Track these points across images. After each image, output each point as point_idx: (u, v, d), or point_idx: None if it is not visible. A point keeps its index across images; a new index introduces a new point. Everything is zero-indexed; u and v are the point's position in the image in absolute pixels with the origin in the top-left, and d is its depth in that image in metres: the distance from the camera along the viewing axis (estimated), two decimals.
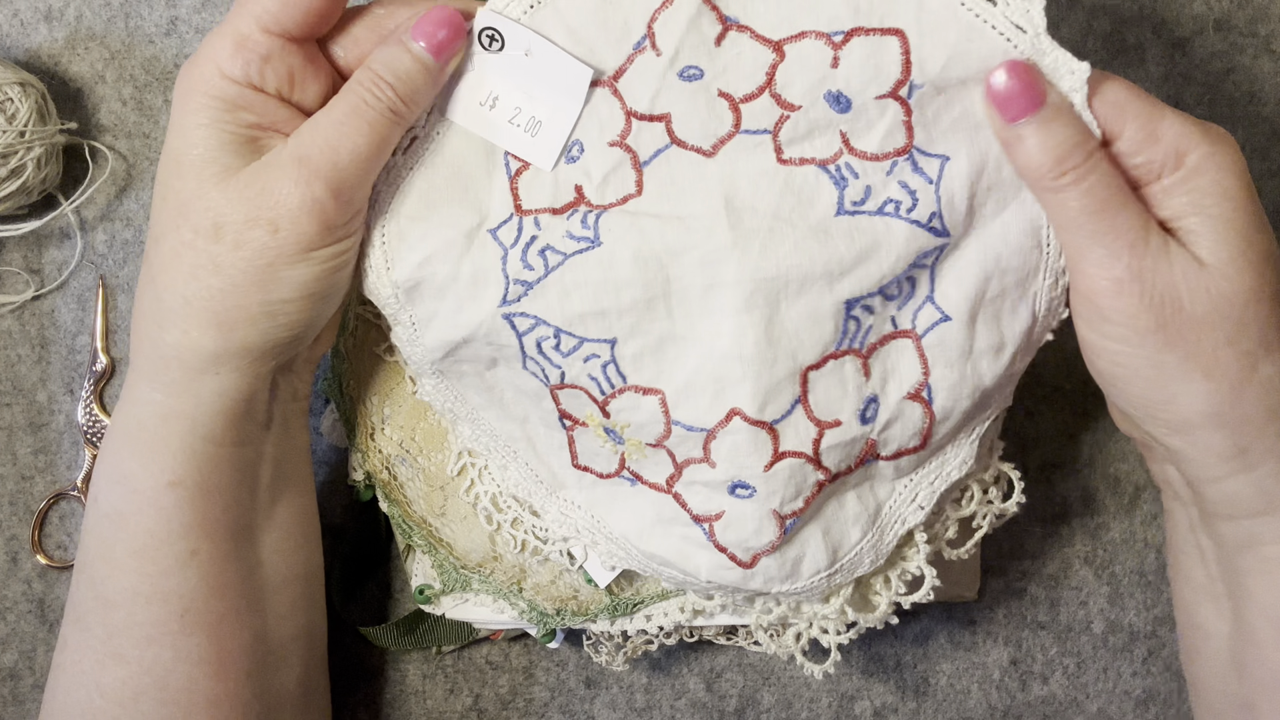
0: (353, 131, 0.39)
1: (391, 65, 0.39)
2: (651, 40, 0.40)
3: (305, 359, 0.46)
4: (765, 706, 0.56)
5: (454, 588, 0.51)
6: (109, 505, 0.42)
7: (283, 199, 0.39)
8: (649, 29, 0.40)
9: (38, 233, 0.54)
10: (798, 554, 0.43)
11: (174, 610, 0.42)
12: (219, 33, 0.39)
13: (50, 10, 0.54)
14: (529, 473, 0.46)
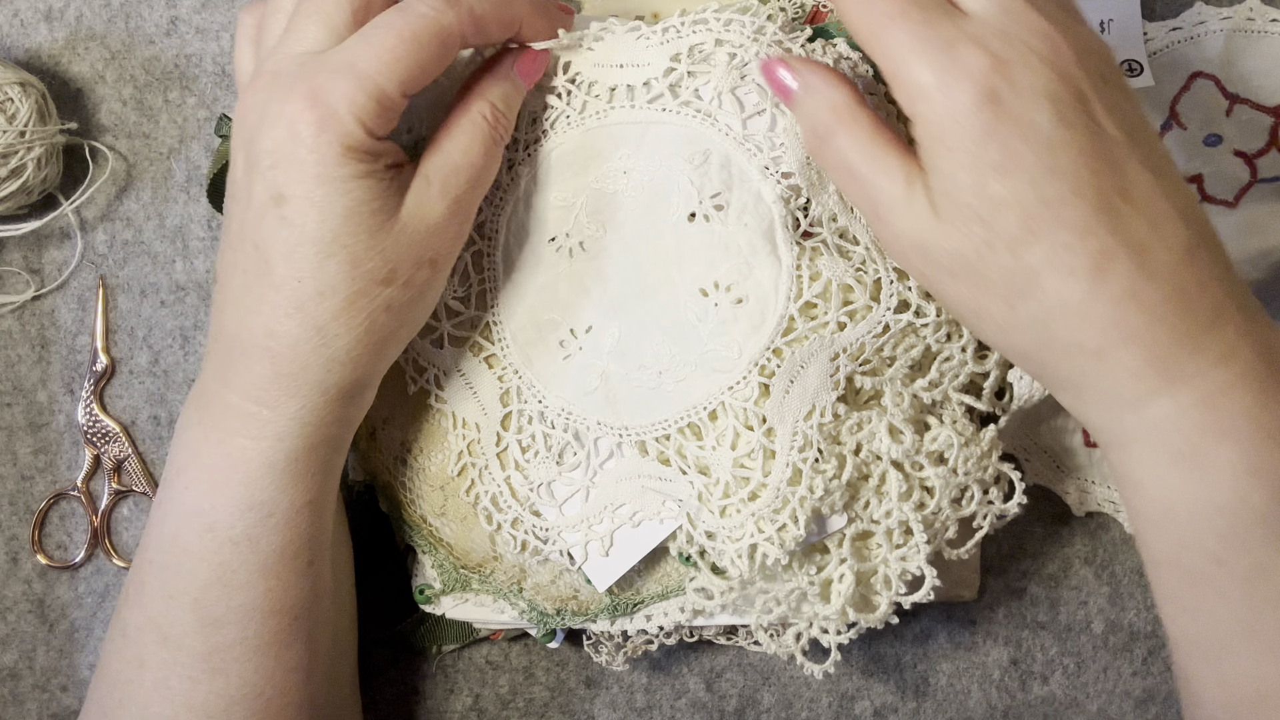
0: (480, 159, 0.42)
1: (506, 98, 0.43)
2: (1176, 119, 0.53)
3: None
4: (765, 706, 0.56)
5: (454, 588, 0.51)
6: (237, 532, 0.42)
7: (441, 239, 0.42)
8: (1172, 111, 0.53)
9: (38, 233, 0.54)
10: None
11: (285, 621, 0.43)
12: (356, 83, 0.39)
13: (50, 10, 0.54)
14: None
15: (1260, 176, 0.53)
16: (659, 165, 0.45)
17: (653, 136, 0.45)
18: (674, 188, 0.45)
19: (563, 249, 0.46)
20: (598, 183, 0.45)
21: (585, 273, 0.46)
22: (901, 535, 0.46)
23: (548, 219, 0.45)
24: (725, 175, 0.44)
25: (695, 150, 0.44)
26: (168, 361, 0.55)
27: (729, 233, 0.44)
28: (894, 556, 0.46)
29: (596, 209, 0.45)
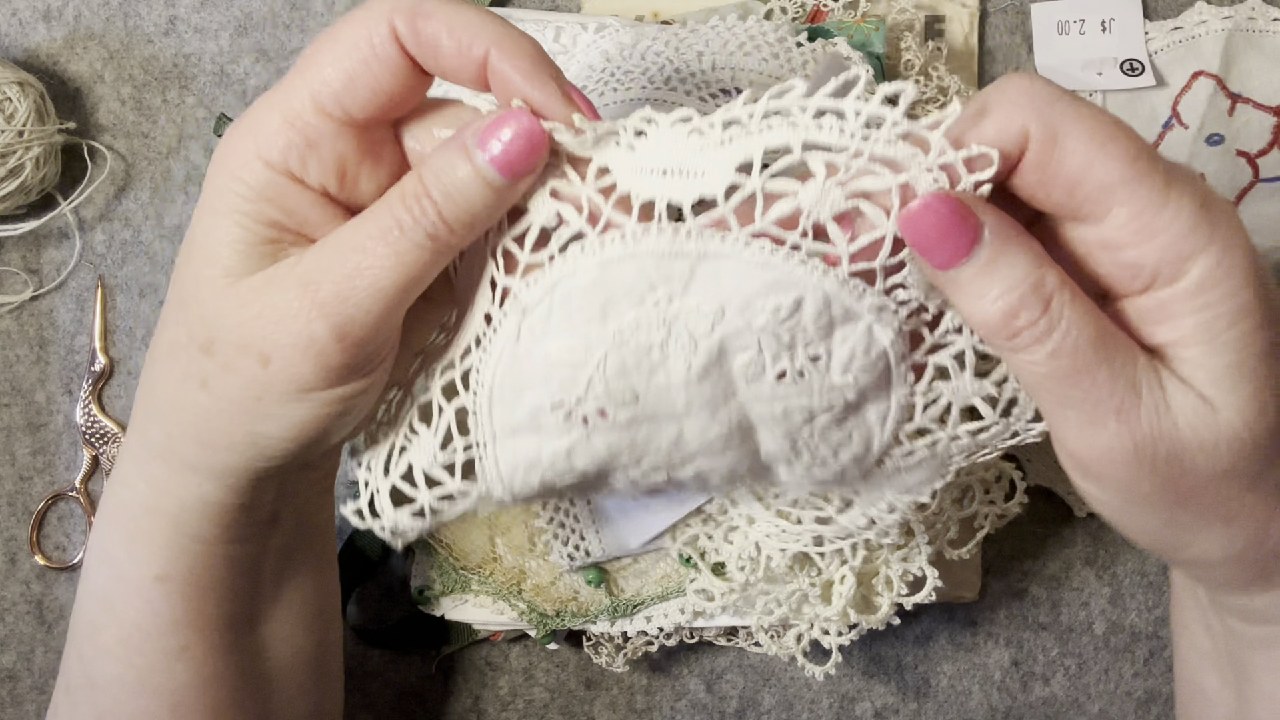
0: (376, 260, 0.31)
1: (442, 177, 0.31)
2: (1177, 119, 0.50)
3: (327, 454, 0.40)
4: (766, 708, 0.56)
5: (453, 589, 0.51)
6: (96, 586, 0.38)
7: (277, 329, 0.32)
8: (1174, 110, 0.49)
9: (36, 233, 0.54)
10: None
11: (164, 704, 0.39)
12: (267, 101, 0.32)
13: (49, 10, 0.54)
14: None
15: (1262, 176, 0.53)
16: (721, 316, 0.33)
17: (707, 275, 0.32)
18: (748, 344, 0.33)
19: (573, 417, 0.34)
20: (622, 338, 0.33)
21: (611, 443, 0.35)
22: (902, 536, 0.46)
23: (550, 377, 0.34)
24: (824, 323, 0.33)
25: (782, 297, 0.32)
26: None
27: (831, 385, 0.34)
28: (895, 557, 0.46)
29: (620, 372, 0.33)
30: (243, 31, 0.54)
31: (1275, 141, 0.53)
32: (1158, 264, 0.30)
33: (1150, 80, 0.53)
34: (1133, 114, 0.53)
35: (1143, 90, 0.53)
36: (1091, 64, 0.53)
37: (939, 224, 0.30)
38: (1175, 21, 0.54)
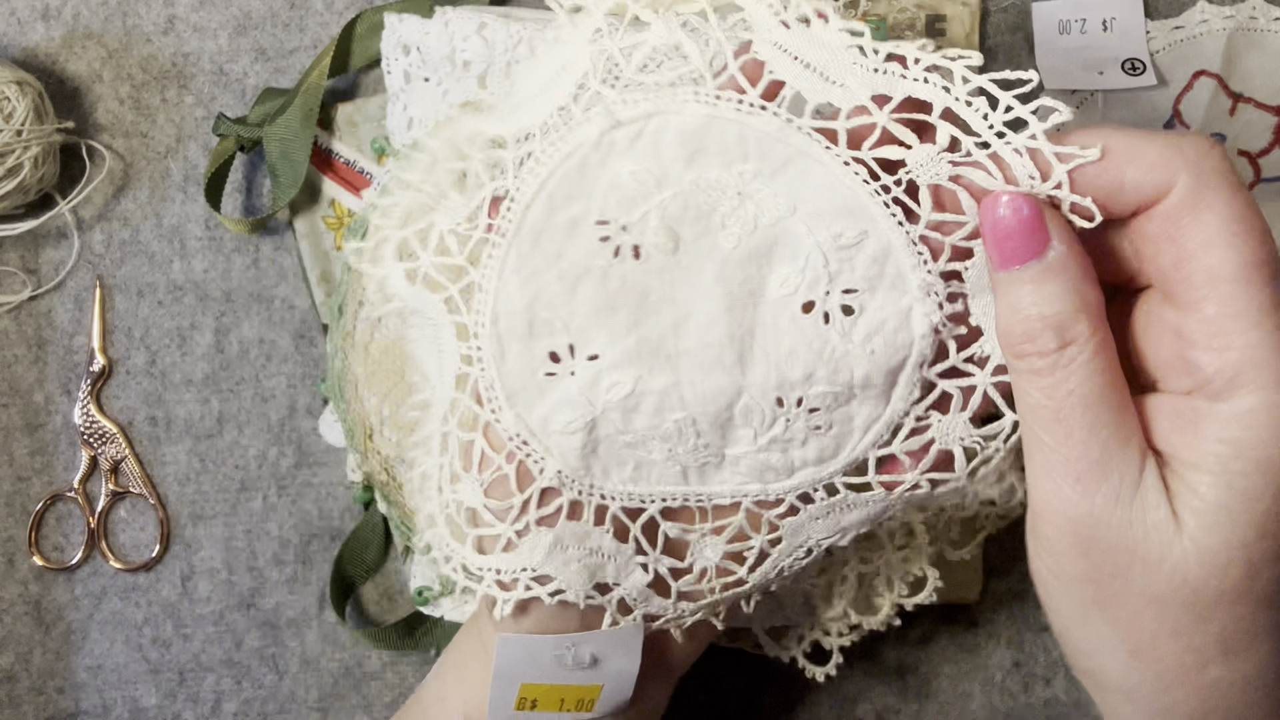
0: None
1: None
2: (1179, 118, 0.50)
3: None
4: (766, 709, 0.56)
5: (453, 589, 0.51)
6: (424, 691, 0.44)
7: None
8: (1175, 110, 0.49)
9: (34, 232, 0.54)
10: None
11: None
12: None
13: (47, 9, 0.54)
14: None
15: (1264, 176, 0.53)
16: (791, 212, 0.33)
17: (798, 172, 0.33)
18: (798, 255, 0.33)
19: (610, 242, 0.34)
20: (697, 187, 0.33)
21: (624, 287, 0.34)
22: (904, 536, 0.46)
23: (610, 195, 0.34)
24: (874, 273, 0.33)
25: (850, 224, 0.33)
26: (165, 362, 0.55)
27: (846, 350, 0.34)
28: (896, 558, 0.46)
29: (679, 216, 0.34)
30: (242, 31, 0.54)
31: (1277, 141, 0.53)
32: (1214, 376, 0.29)
33: (1151, 80, 0.53)
34: (1134, 114, 0.53)
35: (1144, 90, 0.53)
36: (1092, 63, 0.53)
37: (1015, 221, 0.30)
38: (1177, 21, 0.54)
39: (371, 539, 0.54)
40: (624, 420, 0.35)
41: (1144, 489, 0.29)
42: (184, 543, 0.55)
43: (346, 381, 0.50)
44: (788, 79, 0.32)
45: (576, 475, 0.36)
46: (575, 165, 0.34)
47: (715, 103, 0.33)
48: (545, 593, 0.37)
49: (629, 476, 0.36)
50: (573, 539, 0.36)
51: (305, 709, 0.56)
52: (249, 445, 0.55)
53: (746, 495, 0.37)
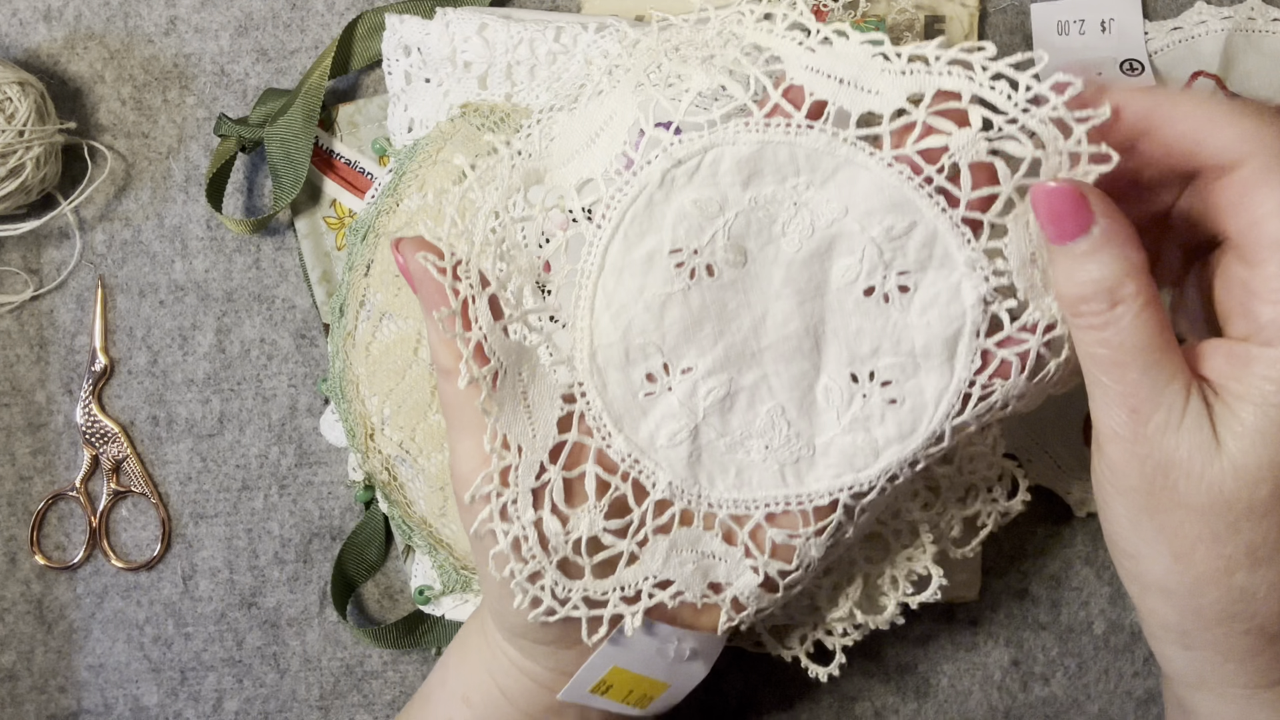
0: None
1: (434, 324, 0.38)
2: None
3: None
4: (766, 707, 0.56)
5: (454, 588, 0.51)
6: (428, 683, 0.46)
7: None
8: None
9: (36, 232, 0.54)
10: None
11: None
12: None
13: (49, 10, 0.54)
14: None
15: None
16: (844, 214, 0.37)
17: (846, 178, 0.36)
18: (855, 249, 0.37)
19: (685, 267, 0.38)
20: (756, 204, 0.37)
21: (705, 304, 0.38)
22: (909, 535, 0.46)
23: (678, 224, 0.37)
24: (924, 255, 0.37)
25: (898, 217, 0.36)
26: (166, 361, 0.55)
27: (906, 323, 0.37)
28: (901, 557, 0.46)
29: (743, 233, 0.37)
30: (243, 31, 0.54)
31: None
32: (1268, 324, 0.33)
33: (1150, 80, 0.53)
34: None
35: None
36: (1091, 64, 0.53)
37: (1062, 204, 0.34)
38: (1175, 22, 0.54)
39: (372, 538, 0.54)
40: (723, 422, 0.39)
41: (1189, 416, 0.34)
42: (185, 542, 0.55)
43: (348, 381, 0.50)
44: (828, 97, 0.36)
45: (685, 485, 0.39)
46: (643, 204, 0.37)
47: (765, 129, 0.36)
48: (667, 596, 0.40)
49: (732, 483, 0.39)
50: (686, 543, 0.40)
51: (306, 707, 0.56)
52: (250, 445, 0.55)
53: (842, 490, 0.39)
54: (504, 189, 0.39)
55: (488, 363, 0.37)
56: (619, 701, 0.43)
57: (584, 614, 0.40)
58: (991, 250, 0.37)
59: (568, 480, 0.39)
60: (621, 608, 0.40)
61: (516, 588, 0.39)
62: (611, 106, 0.39)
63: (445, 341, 0.38)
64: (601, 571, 0.40)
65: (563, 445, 0.39)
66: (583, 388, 0.39)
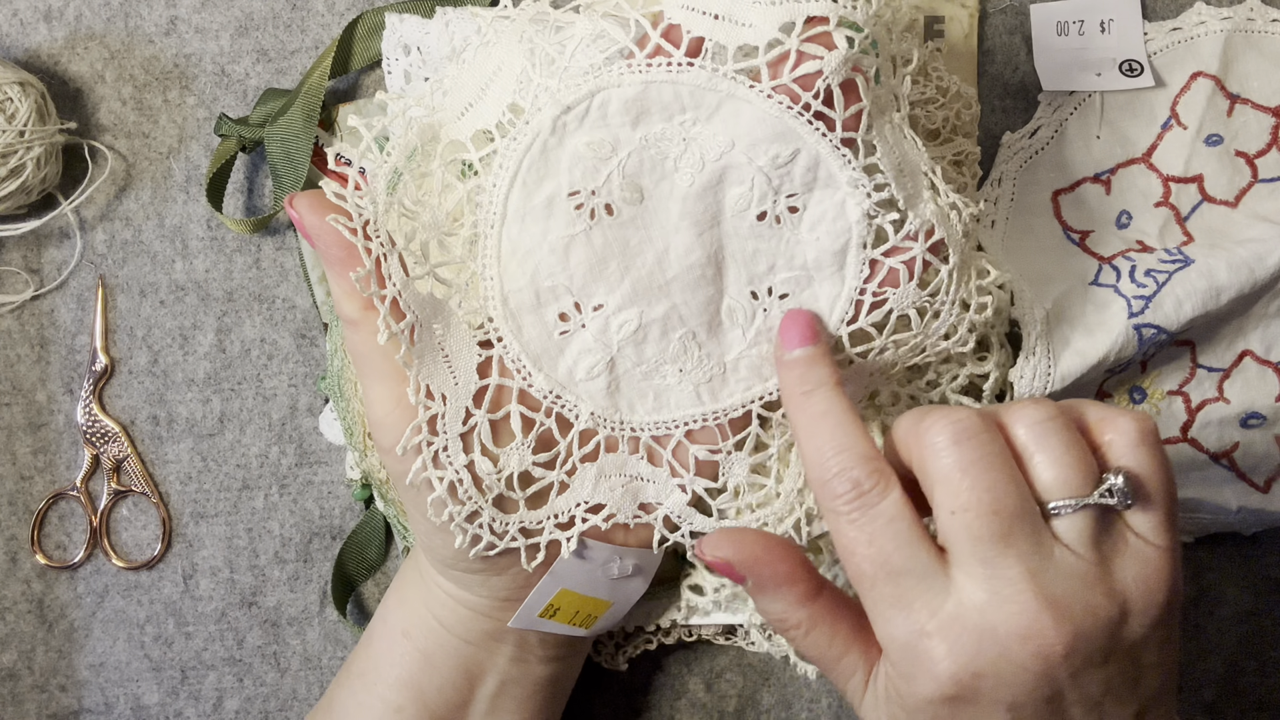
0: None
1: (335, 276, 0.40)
2: (1176, 119, 0.51)
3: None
4: (765, 707, 0.56)
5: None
6: (371, 627, 0.48)
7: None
8: (1173, 111, 0.51)
9: (37, 232, 0.54)
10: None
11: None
12: None
13: (50, 10, 0.54)
14: None
15: (1261, 177, 0.53)
16: (731, 147, 0.39)
17: (730, 112, 0.38)
18: (744, 179, 0.39)
19: (585, 208, 0.39)
20: (647, 143, 0.39)
21: (607, 242, 0.40)
22: None
23: (574, 167, 0.39)
24: (810, 178, 0.39)
25: (782, 146, 0.38)
26: (167, 361, 0.55)
27: (798, 239, 0.40)
28: None
29: (637, 171, 0.39)
30: (243, 32, 0.54)
31: (1274, 142, 0.53)
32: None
33: (1149, 81, 0.53)
34: (1131, 114, 0.53)
35: (1141, 91, 0.53)
36: (1090, 64, 0.53)
37: (721, 568, 0.38)
38: (1174, 22, 0.54)
39: (372, 537, 0.54)
40: (637, 352, 0.41)
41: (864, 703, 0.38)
42: (186, 541, 0.55)
43: (346, 380, 0.50)
44: (704, 33, 0.37)
45: (607, 413, 0.41)
46: (538, 151, 0.39)
47: (648, 69, 0.38)
48: (599, 519, 0.42)
49: (651, 406, 0.42)
50: (613, 468, 0.42)
51: (307, 706, 0.56)
52: (250, 444, 0.55)
53: (754, 401, 0.42)
54: (402, 147, 0.40)
55: (404, 318, 0.38)
56: (566, 623, 0.45)
57: (522, 544, 0.41)
58: (869, 166, 0.39)
59: (494, 422, 0.41)
60: (556, 534, 0.42)
61: (456, 529, 0.40)
62: (499, 57, 0.40)
63: (348, 292, 0.39)
64: (534, 503, 0.42)
65: (485, 389, 0.40)
66: (499, 332, 0.40)
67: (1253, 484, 0.53)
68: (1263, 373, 0.53)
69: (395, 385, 0.39)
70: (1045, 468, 0.34)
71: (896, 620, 0.35)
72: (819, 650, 0.38)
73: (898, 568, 0.35)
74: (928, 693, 0.35)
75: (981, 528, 0.33)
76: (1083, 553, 0.34)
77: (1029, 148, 0.54)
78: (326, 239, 0.39)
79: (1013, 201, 0.53)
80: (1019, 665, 0.33)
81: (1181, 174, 0.53)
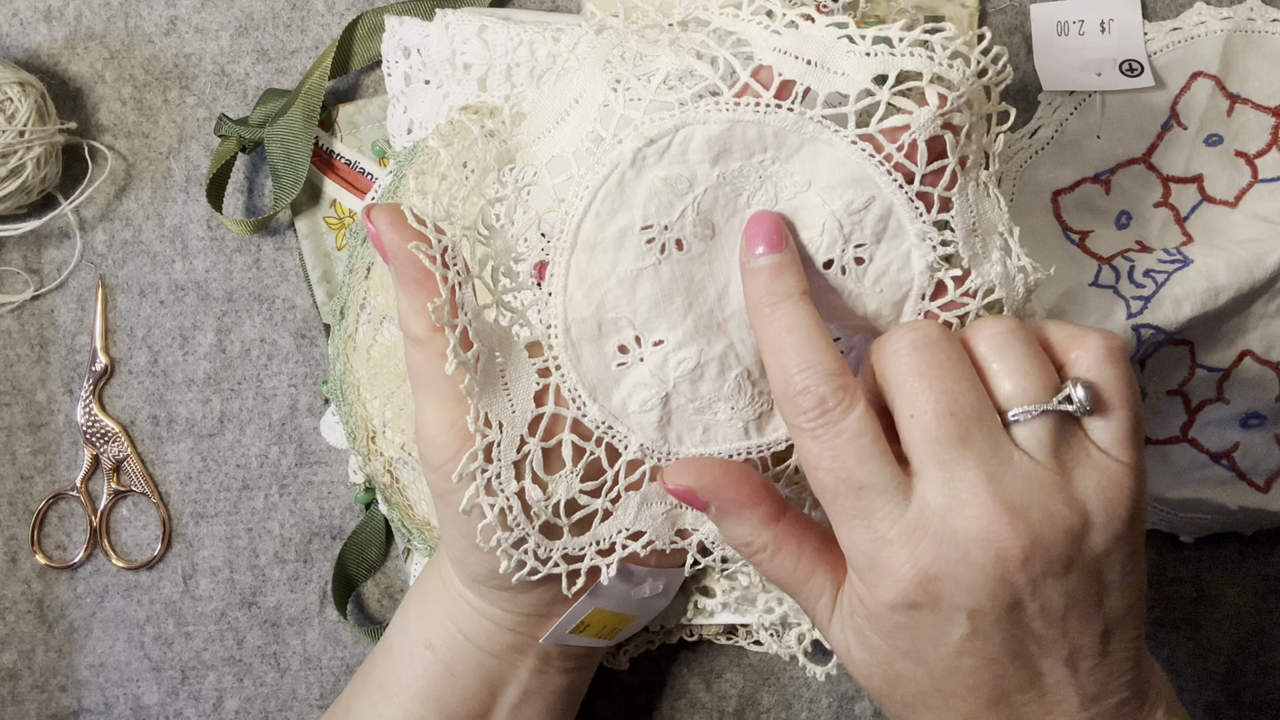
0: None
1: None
2: (1176, 119, 0.51)
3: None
4: (765, 707, 0.56)
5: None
6: (389, 634, 0.47)
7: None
8: (1173, 111, 0.51)
9: (37, 232, 0.54)
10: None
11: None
12: None
13: (50, 10, 0.54)
14: None
15: (1261, 177, 0.53)
16: (806, 187, 0.38)
17: (810, 154, 0.38)
18: (817, 223, 0.39)
19: (655, 242, 0.39)
20: (724, 179, 0.38)
21: (674, 277, 0.39)
22: None
23: (649, 201, 0.38)
24: (879, 228, 0.39)
25: (858, 193, 0.38)
26: (167, 361, 0.55)
27: (860, 292, 0.39)
28: None
29: (711, 208, 0.39)
30: (243, 32, 0.54)
31: (1274, 142, 0.53)
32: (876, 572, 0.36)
33: (1149, 81, 0.53)
34: (1131, 115, 0.53)
35: (1142, 91, 0.53)
36: (1090, 65, 0.53)
37: (683, 496, 0.39)
38: (1174, 22, 0.54)
39: (373, 537, 0.54)
40: (693, 389, 0.40)
41: (830, 624, 0.39)
42: (186, 541, 0.55)
43: (348, 384, 0.50)
44: (796, 77, 0.37)
45: (655, 445, 0.41)
46: (615, 183, 0.38)
47: (735, 108, 0.37)
48: (639, 546, 0.42)
49: (699, 440, 0.41)
50: (656, 495, 0.42)
51: (307, 706, 0.56)
52: (250, 444, 0.55)
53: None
54: (481, 170, 0.40)
55: (471, 347, 0.38)
56: (594, 637, 0.45)
57: (564, 570, 0.41)
58: (939, 222, 0.38)
59: (545, 450, 0.40)
60: (597, 560, 0.42)
61: (502, 554, 0.40)
62: (580, 85, 0.40)
63: (415, 310, 0.38)
64: (578, 529, 0.41)
65: (540, 418, 0.40)
66: (557, 361, 0.40)
67: (1253, 484, 0.53)
68: (1262, 373, 0.53)
69: (451, 408, 0.39)
70: (1003, 377, 0.35)
71: (859, 529, 0.35)
72: (786, 572, 0.38)
73: (860, 481, 0.35)
74: (889, 598, 0.35)
75: (939, 429, 0.34)
76: (1042, 460, 0.34)
77: (1029, 148, 0.54)
78: (403, 259, 0.38)
79: (1013, 201, 0.53)
80: (978, 569, 0.34)
81: (1181, 174, 0.53)
